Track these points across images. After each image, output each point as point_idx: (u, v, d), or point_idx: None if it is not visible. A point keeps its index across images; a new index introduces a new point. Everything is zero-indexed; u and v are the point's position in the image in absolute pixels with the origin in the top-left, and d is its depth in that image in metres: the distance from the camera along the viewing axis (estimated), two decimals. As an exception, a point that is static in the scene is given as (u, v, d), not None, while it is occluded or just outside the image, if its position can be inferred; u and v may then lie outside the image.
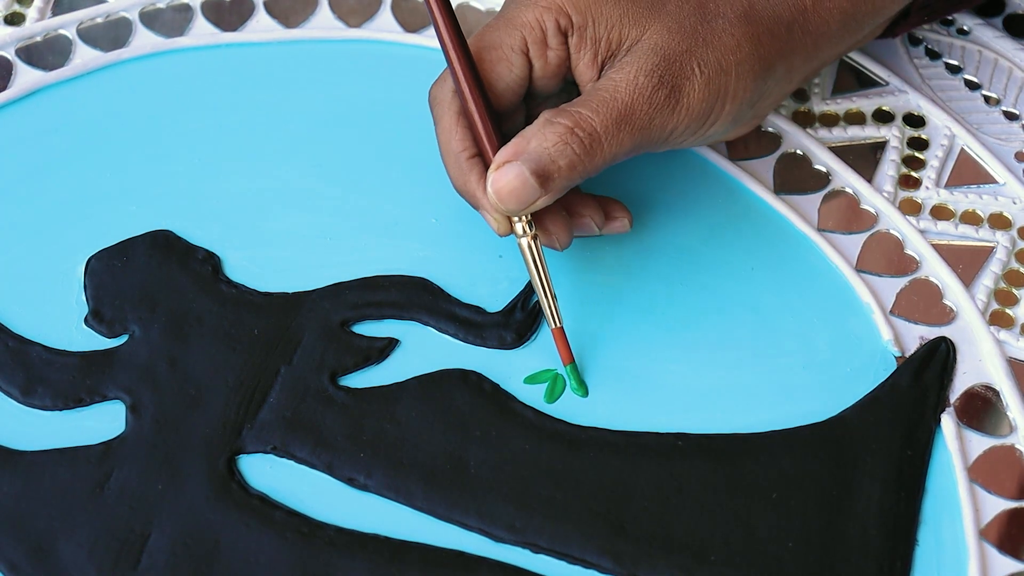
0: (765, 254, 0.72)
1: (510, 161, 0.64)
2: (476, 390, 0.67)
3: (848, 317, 0.70)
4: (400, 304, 0.69)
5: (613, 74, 0.65)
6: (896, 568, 0.63)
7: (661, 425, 0.67)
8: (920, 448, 0.66)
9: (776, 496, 0.65)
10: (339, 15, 0.80)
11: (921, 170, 0.76)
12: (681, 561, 0.63)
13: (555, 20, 0.66)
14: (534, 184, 0.64)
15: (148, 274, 0.70)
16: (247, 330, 0.68)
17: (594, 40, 0.66)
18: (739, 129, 0.71)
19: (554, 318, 0.67)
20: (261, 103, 0.76)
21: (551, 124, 0.64)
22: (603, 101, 0.65)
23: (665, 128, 0.66)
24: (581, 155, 0.64)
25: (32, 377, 0.67)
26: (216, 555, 0.62)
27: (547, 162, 0.64)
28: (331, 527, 0.63)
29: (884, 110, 0.78)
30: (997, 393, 0.68)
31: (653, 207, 0.72)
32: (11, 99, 0.76)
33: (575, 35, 0.66)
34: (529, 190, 0.64)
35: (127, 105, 0.76)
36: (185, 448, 0.65)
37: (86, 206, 0.72)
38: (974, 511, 0.65)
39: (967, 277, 0.72)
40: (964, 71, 0.79)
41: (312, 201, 0.72)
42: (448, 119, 0.66)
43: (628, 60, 0.66)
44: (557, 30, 0.66)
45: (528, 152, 0.64)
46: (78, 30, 0.78)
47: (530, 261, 0.66)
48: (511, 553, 0.64)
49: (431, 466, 0.65)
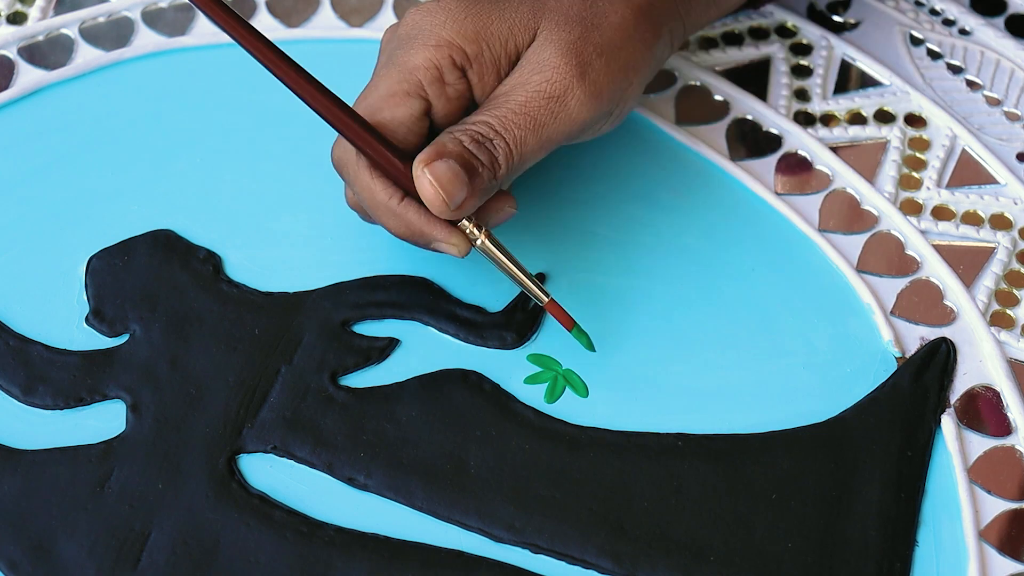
0: (765, 254, 0.72)
1: (435, 159, 0.64)
2: (476, 390, 0.67)
3: (848, 317, 0.70)
4: (401, 304, 0.69)
5: (508, 79, 0.66)
6: (896, 569, 0.63)
7: (661, 425, 0.67)
8: (920, 449, 0.66)
9: (776, 496, 0.65)
10: (341, 15, 0.80)
11: (922, 170, 0.76)
12: (681, 561, 0.63)
13: (449, 57, 0.65)
14: (464, 176, 0.64)
15: (149, 273, 0.70)
16: (248, 330, 0.68)
17: (493, 62, 0.66)
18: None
19: (542, 294, 0.67)
20: (262, 103, 0.76)
21: (455, 140, 0.64)
22: (499, 106, 0.65)
23: (576, 120, 0.66)
24: (488, 164, 0.64)
25: (33, 376, 0.67)
26: (216, 554, 0.62)
27: (468, 158, 0.64)
28: (331, 527, 0.64)
29: (885, 110, 0.78)
30: (998, 394, 0.68)
31: (653, 207, 0.72)
32: (13, 98, 0.76)
33: (473, 65, 0.66)
34: (462, 180, 0.64)
35: (129, 104, 0.76)
36: (185, 447, 0.65)
37: (87, 205, 0.72)
38: (974, 512, 0.65)
39: (968, 278, 0.72)
40: (966, 72, 0.79)
41: (313, 201, 0.72)
42: (363, 176, 0.65)
43: (522, 63, 0.66)
44: (453, 66, 0.65)
45: (448, 152, 0.64)
46: (80, 29, 0.79)
47: (497, 255, 0.66)
48: (511, 553, 0.64)
49: (431, 466, 0.65)
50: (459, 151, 0.64)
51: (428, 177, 0.63)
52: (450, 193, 0.64)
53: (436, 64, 0.65)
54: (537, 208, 0.72)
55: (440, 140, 0.64)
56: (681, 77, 0.78)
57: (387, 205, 0.65)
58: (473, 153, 0.64)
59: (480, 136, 0.65)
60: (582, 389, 0.68)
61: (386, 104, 0.65)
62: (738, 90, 0.78)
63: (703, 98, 0.78)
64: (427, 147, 0.64)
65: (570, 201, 0.73)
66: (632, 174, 0.73)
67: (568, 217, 0.72)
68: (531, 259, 0.71)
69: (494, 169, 0.65)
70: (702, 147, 0.75)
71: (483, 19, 0.66)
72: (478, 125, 0.65)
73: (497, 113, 0.65)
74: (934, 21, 0.81)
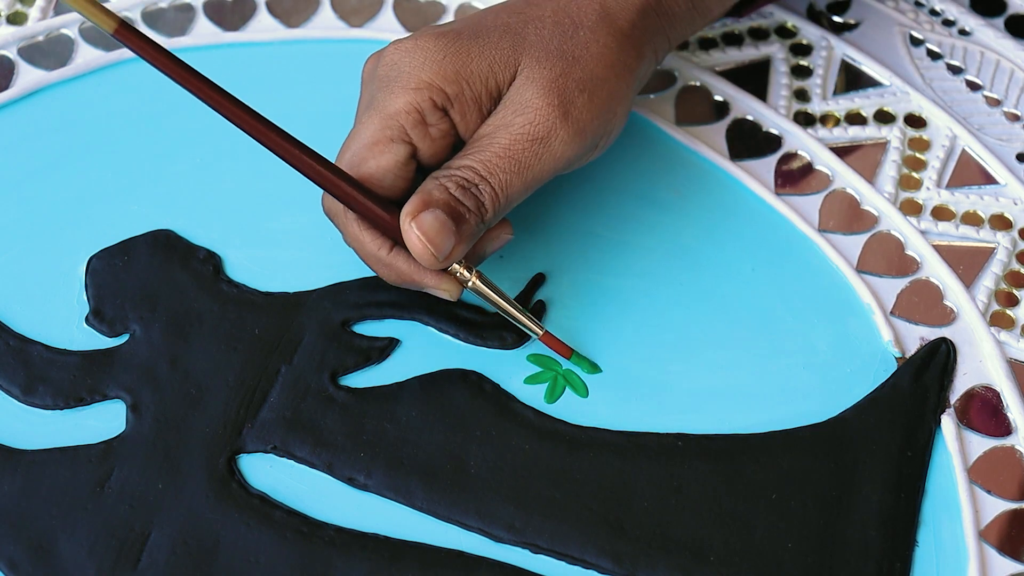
0: (765, 254, 0.72)
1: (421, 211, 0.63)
2: (476, 390, 0.67)
3: (848, 318, 0.70)
4: (401, 304, 0.69)
5: (491, 119, 0.65)
6: (895, 569, 0.63)
7: (661, 425, 0.67)
8: (920, 449, 0.66)
9: (776, 497, 0.65)
10: (341, 15, 0.80)
11: (922, 171, 0.76)
12: (680, 561, 0.63)
13: (429, 100, 0.65)
14: (451, 225, 0.63)
15: (149, 273, 0.70)
16: (248, 330, 0.68)
17: (474, 100, 0.65)
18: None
19: (536, 328, 0.67)
20: (262, 103, 0.75)
21: (441, 187, 0.64)
22: (483, 149, 0.65)
23: (561, 159, 0.65)
24: (475, 209, 0.64)
25: (33, 376, 0.67)
26: (216, 554, 0.62)
27: (455, 206, 0.64)
28: (331, 527, 0.64)
29: (885, 111, 0.78)
30: (998, 394, 0.68)
31: (653, 207, 0.72)
32: (13, 98, 0.76)
33: (455, 105, 0.65)
34: (449, 230, 0.63)
35: (129, 105, 0.76)
36: (185, 447, 0.65)
37: (87, 205, 0.72)
38: (974, 512, 0.65)
39: (968, 278, 0.72)
40: (965, 72, 0.79)
41: (313, 201, 0.72)
42: (352, 227, 0.65)
43: (505, 103, 0.65)
44: (434, 108, 0.65)
45: (434, 201, 0.64)
46: (80, 30, 0.79)
47: (488, 294, 0.66)
48: (511, 553, 0.64)
49: (431, 466, 0.65)
50: (445, 199, 0.64)
51: (415, 232, 0.63)
52: (438, 245, 0.63)
53: (417, 108, 0.65)
54: (537, 208, 0.72)
55: (426, 188, 0.64)
56: (681, 77, 0.78)
57: (376, 256, 0.65)
58: (459, 200, 0.64)
59: (466, 182, 0.64)
60: (582, 389, 0.68)
61: (371, 153, 0.65)
62: (738, 90, 0.78)
63: (703, 98, 0.78)
64: (412, 197, 0.64)
65: (570, 201, 0.73)
66: (632, 174, 0.73)
67: (568, 217, 0.72)
68: (531, 259, 0.71)
69: (481, 214, 0.64)
70: (702, 147, 0.75)
71: (462, 58, 0.65)
72: (463, 170, 0.64)
73: (481, 157, 0.64)
74: (934, 21, 0.81)
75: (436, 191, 0.64)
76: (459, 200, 0.64)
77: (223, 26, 0.79)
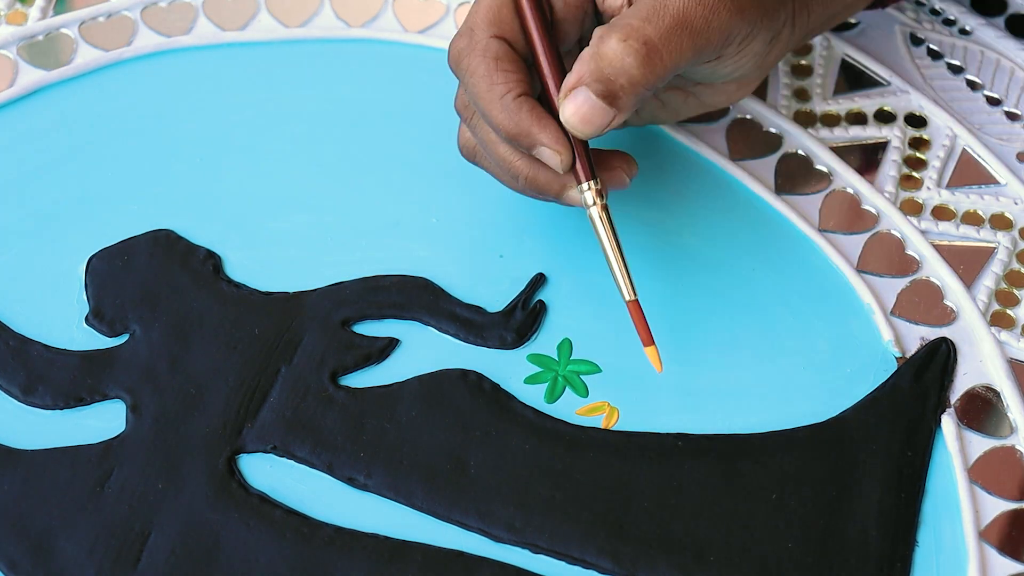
0: (766, 254, 0.72)
1: (575, 87, 0.63)
2: (476, 390, 0.67)
3: (849, 318, 0.70)
4: (401, 304, 0.69)
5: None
6: (896, 569, 0.63)
7: (661, 425, 0.67)
8: (920, 449, 0.66)
9: (776, 497, 0.65)
10: (341, 15, 0.80)
11: (922, 170, 0.76)
12: (680, 561, 0.63)
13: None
14: (603, 106, 0.63)
15: (149, 273, 0.70)
16: (248, 330, 0.68)
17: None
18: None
19: (629, 290, 0.66)
20: (262, 103, 0.76)
21: (605, 41, 0.63)
22: (655, 9, 0.64)
23: (723, 31, 0.64)
24: (641, 67, 0.63)
25: (33, 376, 0.67)
26: (216, 554, 0.62)
27: (609, 81, 0.63)
28: (331, 526, 0.64)
29: (886, 110, 0.78)
30: (998, 394, 0.68)
31: (653, 207, 0.72)
32: (13, 98, 0.76)
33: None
34: (600, 112, 0.63)
35: (129, 104, 0.76)
36: (185, 447, 0.65)
37: (87, 205, 0.72)
38: (974, 512, 0.65)
39: (968, 278, 0.72)
40: (966, 71, 0.79)
41: (313, 201, 0.73)
42: (485, 66, 0.65)
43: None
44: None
45: (590, 74, 0.63)
46: (80, 29, 0.79)
47: (602, 231, 0.66)
48: (511, 553, 0.64)
49: (431, 466, 0.65)
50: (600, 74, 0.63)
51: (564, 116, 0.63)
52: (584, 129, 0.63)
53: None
54: (537, 208, 0.72)
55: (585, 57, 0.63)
56: (681, 77, 0.78)
57: (502, 99, 0.64)
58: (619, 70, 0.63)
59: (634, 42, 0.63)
60: (582, 389, 0.68)
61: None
62: (738, 90, 0.78)
63: (703, 98, 0.78)
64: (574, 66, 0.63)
65: (570, 201, 0.73)
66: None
67: (568, 217, 0.72)
68: (531, 259, 0.71)
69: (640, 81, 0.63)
70: (702, 147, 0.75)
71: None
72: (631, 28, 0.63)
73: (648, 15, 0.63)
74: (934, 21, 0.81)
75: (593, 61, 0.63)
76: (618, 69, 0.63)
77: (223, 26, 0.79)
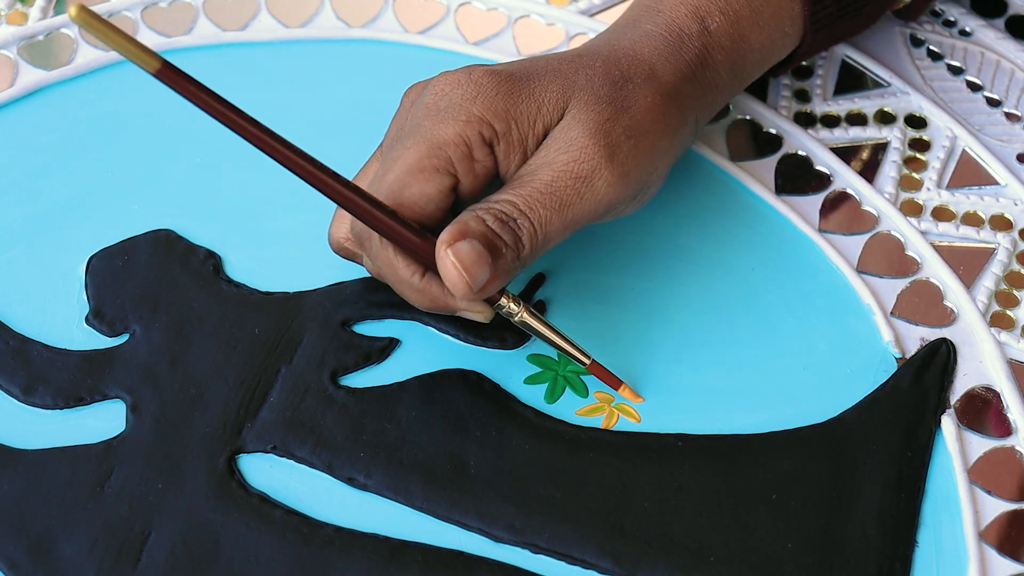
0: (766, 254, 0.72)
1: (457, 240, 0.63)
2: (476, 390, 0.67)
3: (849, 318, 0.70)
4: (401, 304, 0.69)
5: (535, 158, 0.65)
6: (895, 570, 0.63)
7: (661, 425, 0.67)
8: (920, 449, 0.66)
9: (776, 497, 0.65)
10: (341, 15, 0.80)
11: (922, 171, 0.76)
12: (680, 561, 0.63)
13: (478, 133, 0.64)
14: (488, 257, 0.62)
15: (149, 273, 0.70)
16: (248, 329, 0.68)
17: (520, 141, 0.65)
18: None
19: (583, 356, 0.66)
20: (263, 103, 0.75)
21: (478, 219, 0.63)
22: (524, 184, 0.64)
23: (602, 201, 0.64)
24: (512, 244, 0.63)
25: (33, 376, 0.67)
26: (216, 554, 0.62)
27: (492, 238, 0.63)
28: (330, 526, 0.64)
29: (886, 111, 0.78)
30: (998, 395, 0.68)
31: (653, 207, 0.72)
32: (13, 98, 0.76)
33: (501, 143, 0.64)
34: (485, 261, 0.62)
35: (129, 104, 0.76)
36: (185, 447, 0.65)
37: (87, 205, 0.72)
38: (974, 513, 0.65)
39: (968, 278, 0.72)
40: (966, 73, 0.79)
41: (313, 201, 0.72)
42: (385, 253, 0.64)
43: (549, 141, 0.65)
44: (482, 142, 0.64)
45: (471, 231, 0.63)
46: (80, 29, 0.78)
47: (539, 329, 0.66)
48: (511, 553, 0.64)
49: (431, 466, 0.65)
50: (482, 231, 0.63)
51: (451, 259, 0.62)
52: (473, 275, 0.62)
53: (466, 140, 0.64)
54: (537, 208, 0.72)
55: (463, 219, 0.63)
56: (681, 78, 0.78)
57: (409, 282, 0.65)
58: (497, 233, 0.63)
59: (504, 215, 0.63)
60: (582, 389, 0.68)
61: (414, 180, 0.63)
62: (738, 90, 0.78)
63: (703, 99, 0.78)
64: (450, 226, 0.63)
65: (570, 201, 0.73)
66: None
67: (568, 217, 0.72)
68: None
69: (518, 249, 0.63)
70: (703, 148, 0.75)
71: (513, 97, 0.65)
72: (502, 204, 0.64)
73: (522, 192, 0.64)
74: (934, 22, 0.81)
75: (473, 222, 0.63)
76: (496, 233, 0.63)
77: (223, 26, 0.79)
